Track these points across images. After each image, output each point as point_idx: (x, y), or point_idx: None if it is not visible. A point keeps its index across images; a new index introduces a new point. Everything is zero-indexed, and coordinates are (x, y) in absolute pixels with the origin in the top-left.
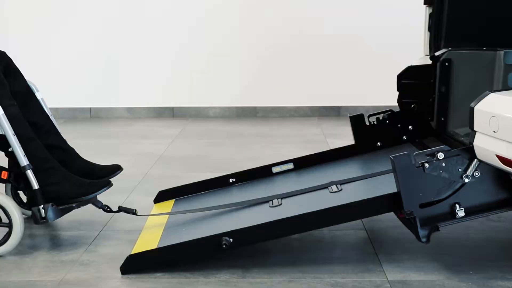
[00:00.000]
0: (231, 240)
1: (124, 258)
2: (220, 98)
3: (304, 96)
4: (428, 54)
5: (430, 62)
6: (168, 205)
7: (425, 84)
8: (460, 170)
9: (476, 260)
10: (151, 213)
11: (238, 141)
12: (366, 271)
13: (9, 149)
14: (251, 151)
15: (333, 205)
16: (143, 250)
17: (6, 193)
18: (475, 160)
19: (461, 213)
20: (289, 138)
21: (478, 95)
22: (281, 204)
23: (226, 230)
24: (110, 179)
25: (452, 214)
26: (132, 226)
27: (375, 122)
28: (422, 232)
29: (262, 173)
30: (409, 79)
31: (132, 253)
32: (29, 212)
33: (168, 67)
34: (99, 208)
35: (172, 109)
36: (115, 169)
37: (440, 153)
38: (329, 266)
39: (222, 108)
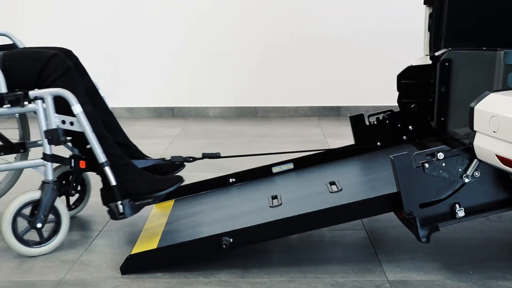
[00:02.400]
0: (231, 240)
1: (124, 258)
2: (220, 98)
3: (304, 96)
4: (428, 54)
5: (430, 62)
6: (168, 205)
7: (425, 84)
8: (460, 170)
9: (476, 260)
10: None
11: (238, 141)
12: (366, 271)
13: (87, 146)
14: (251, 151)
15: (333, 205)
16: (143, 250)
17: None
18: (475, 160)
19: (461, 213)
20: (289, 138)
21: (478, 95)
22: (281, 204)
23: (226, 230)
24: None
25: (452, 214)
26: (132, 226)
27: (375, 122)
28: (422, 232)
29: (262, 173)
30: (409, 79)
31: (132, 253)
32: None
33: (168, 67)
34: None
35: (172, 109)
36: (178, 166)
37: (440, 153)
38: (329, 266)
39: (222, 108)
